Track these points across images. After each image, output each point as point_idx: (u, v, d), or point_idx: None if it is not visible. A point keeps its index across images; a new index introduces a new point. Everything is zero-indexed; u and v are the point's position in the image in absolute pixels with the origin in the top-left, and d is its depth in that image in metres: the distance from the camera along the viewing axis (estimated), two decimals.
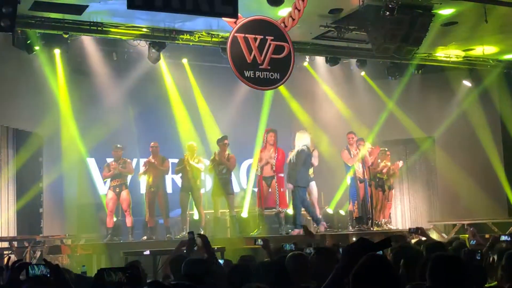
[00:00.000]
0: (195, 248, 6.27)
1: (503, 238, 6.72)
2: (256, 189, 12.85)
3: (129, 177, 12.43)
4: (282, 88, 13.31)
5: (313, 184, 12.33)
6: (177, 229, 12.22)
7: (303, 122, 14.81)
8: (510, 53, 13.93)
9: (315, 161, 12.23)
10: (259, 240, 6.33)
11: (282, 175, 12.13)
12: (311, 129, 14.05)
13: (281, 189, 12.08)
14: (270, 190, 12.10)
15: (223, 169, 11.93)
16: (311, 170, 12.26)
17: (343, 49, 12.93)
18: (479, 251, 4.60)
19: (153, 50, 11.77)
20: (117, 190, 11.90)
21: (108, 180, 12.14)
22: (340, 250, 6.47)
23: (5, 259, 7.42)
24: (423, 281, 4.45)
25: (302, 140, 11.82)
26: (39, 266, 3.33)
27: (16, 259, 7.54)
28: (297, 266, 4.37)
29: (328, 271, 4.47)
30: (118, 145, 12.25)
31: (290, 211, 12.62)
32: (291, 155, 11.82)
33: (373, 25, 11.01)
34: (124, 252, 9.86)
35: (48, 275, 3.30)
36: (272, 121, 15.00)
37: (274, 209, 12.23)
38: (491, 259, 5.46)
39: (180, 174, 12.33)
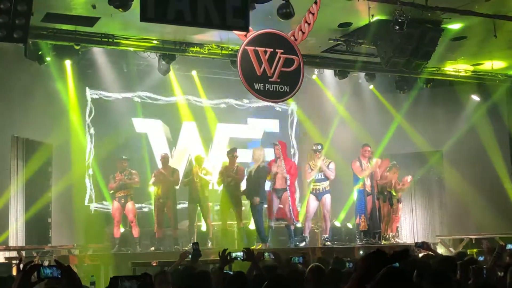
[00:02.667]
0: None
1: (510, 246, 6.73)
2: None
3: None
4: (290, 101, 13.37)
5: (327, 197, 12.29)
6: (185, 240, 12.23)
7: (311, 135, 14.83)
8: None
9: (331, 174, 12.22)
10: (268, 253, 6.26)
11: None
12: (319, 141, 14.07)
13: (294, 202, 12.14)
14: (280, 202, 12.10)
15: (231, 181, 11.93)
16: (328, 182, 12.28)
17: (352, 62, 12.96)
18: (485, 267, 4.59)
19: (163, 62, 11.85)
20: (122, 201, 11.93)
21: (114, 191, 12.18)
22: (347, 264, 6.47)
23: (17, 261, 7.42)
24: None
25: (261, 156, 11.88)
26: (51, 267, 3.32)
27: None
28: (315, 278, 4.39)
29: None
30: (124, 157, 12.30)
31: (299, 224, 12.61)
32: (251, 170, 11.85)
33: (382, 39, 11.05)
34: (132, 263, 9.89)
35: (60, 277, 3.30)
36: (279, 133, 15.10)
37: (283, 222, 12.22)
38: (498, 275, 5.45)
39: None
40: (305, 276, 5.08)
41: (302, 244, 11.96)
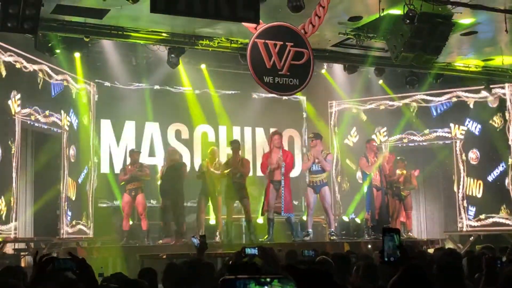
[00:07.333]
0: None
1: None
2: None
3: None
4: (299, 95, 13.35)
5: (326, 190, 12.21)
6: (192, 233, 12.19)
7: (320, 129, 14.79)
8: None
9: (327, 165, 12.17)
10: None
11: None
12: (328, 136, 14.00)
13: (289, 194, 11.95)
14: (277, 194, 11.79)
15: (237, 173, 11.86)
16: (325, 175, 12.21)
17: (361, 57, 12.89)
18: (500, 259, 4.55)
19: (172, 55, 11.81)
20: (133, 194, 11.95)
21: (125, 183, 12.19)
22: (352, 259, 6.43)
23: (33, 254, 7.43)
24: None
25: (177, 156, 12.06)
26: (65, 260, 3.37)
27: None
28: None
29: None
30: (135, 149, 12.31)
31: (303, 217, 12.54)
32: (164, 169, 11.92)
33: (392, 33, 10.99)
34: (140, 255, 9.90)
35: (74, 269, 3.34)
36: (289, 127, 15.08)
37: (280, 215, 11.99)
38: None
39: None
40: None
41: (307, 238, 11.88)
